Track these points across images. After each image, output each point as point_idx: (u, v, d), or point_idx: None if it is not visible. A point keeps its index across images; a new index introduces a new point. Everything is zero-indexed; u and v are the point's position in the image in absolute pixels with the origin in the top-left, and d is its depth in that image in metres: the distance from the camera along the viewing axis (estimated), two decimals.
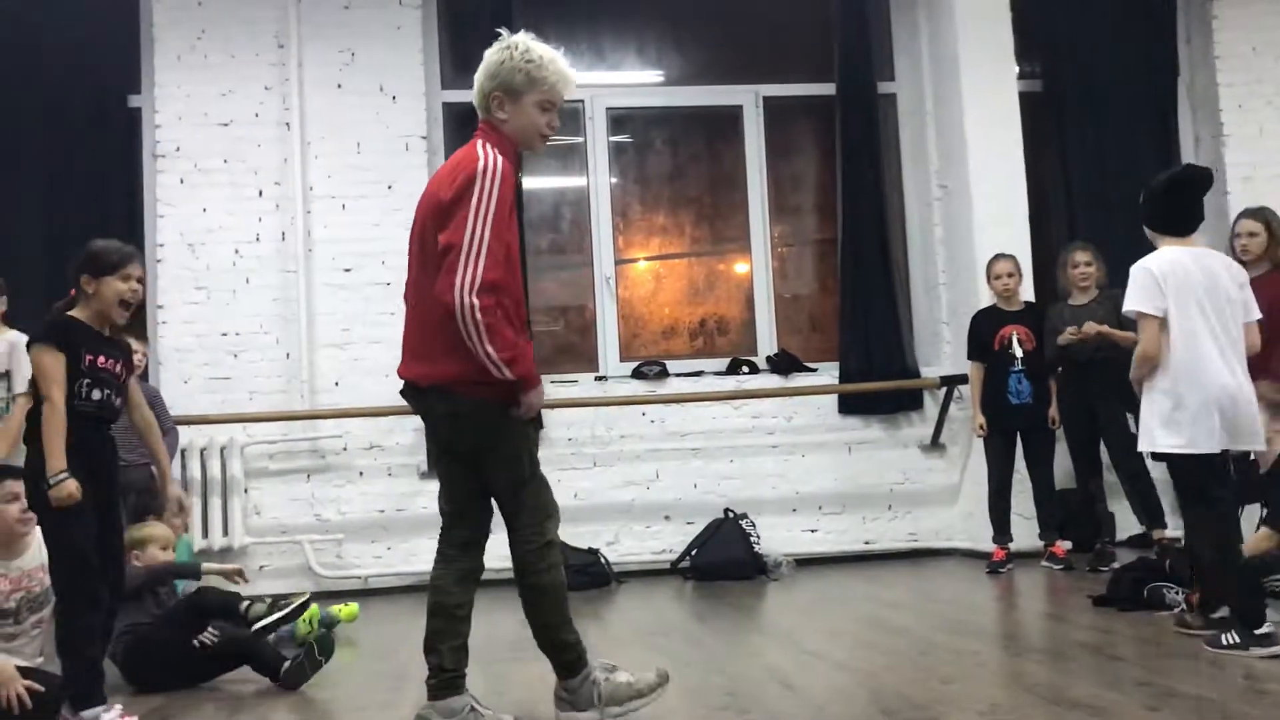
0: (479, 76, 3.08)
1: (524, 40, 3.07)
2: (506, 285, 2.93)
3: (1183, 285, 3.86)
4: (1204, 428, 3.79)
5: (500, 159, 2.94)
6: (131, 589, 4.07)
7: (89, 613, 3.29)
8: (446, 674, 3.09)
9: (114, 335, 3.54)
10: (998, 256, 6.27)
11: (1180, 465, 3.89)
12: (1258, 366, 5.06)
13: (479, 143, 3.02)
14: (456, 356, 2.91)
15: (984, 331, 6.23)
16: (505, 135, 3.04)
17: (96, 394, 3.38)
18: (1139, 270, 3.96)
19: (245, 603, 4.15)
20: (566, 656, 3.15)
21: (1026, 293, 6.50)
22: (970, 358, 6.32)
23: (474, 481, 3.17)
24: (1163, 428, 3.86)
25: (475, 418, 3.00)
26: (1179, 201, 4.01)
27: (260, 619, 4.08)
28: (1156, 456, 4.02)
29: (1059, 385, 6.16)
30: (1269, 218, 5.24)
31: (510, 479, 3.09)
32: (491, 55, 3.07)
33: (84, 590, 3.29)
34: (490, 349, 2.87)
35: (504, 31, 3.13)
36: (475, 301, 2.83)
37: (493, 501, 3.23)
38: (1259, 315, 4.01)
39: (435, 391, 3.02)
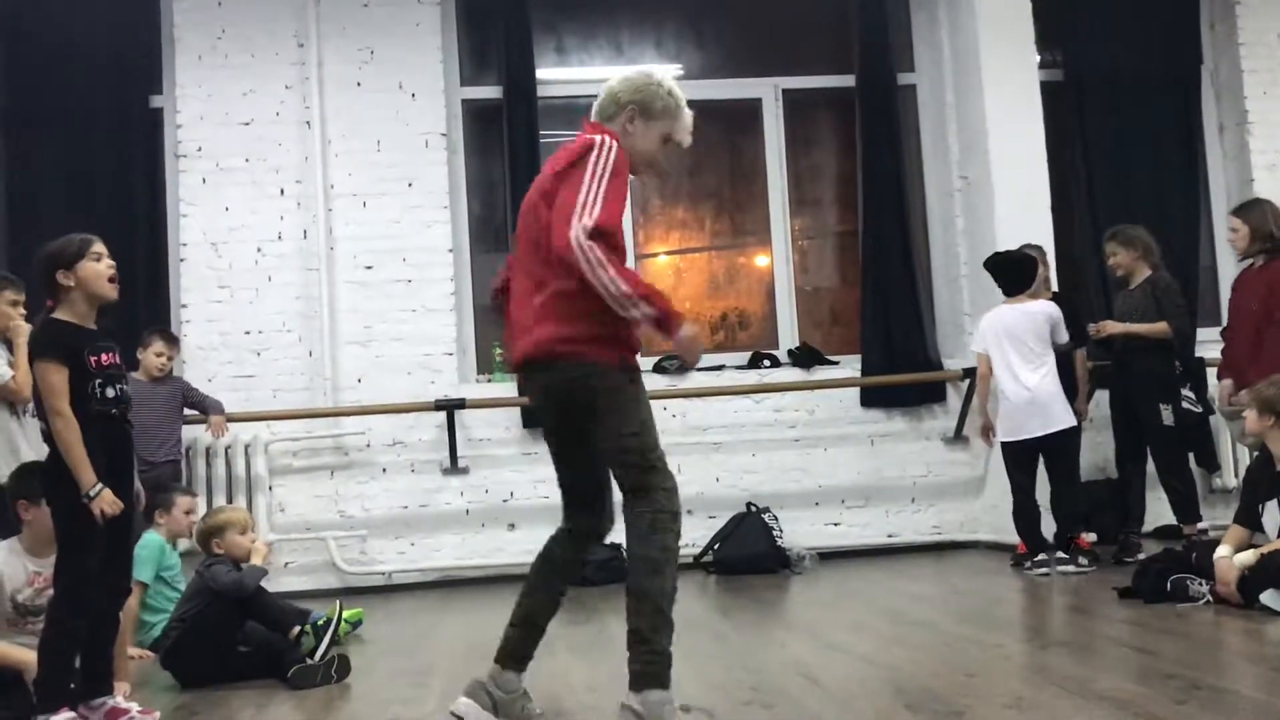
0: (617, 87, 3.13)
1: (669, 79, 3.19)
2: (618, 245, 2.88)
3: (998, 332, 5.69)
4: (1007, 424, 5.68)
5: (616, 144, 2.95)
6: (247, 591, 4.10)
7: (77, 617, 3.28)
8: (521, 628, 3.10)
9: (100, 329, 3.50)
10: (1029, 247, 6.22)
11: (1002, 448, 5.78)
12: (1237, 370, 5.14)
13: (590, 134, 3.02)
14: (568, 321, 2.88)
15: None
16: (623, 146, 3.01)
17: (111, 391, 3.37)
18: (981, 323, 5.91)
19: (297, 628, 4.14)
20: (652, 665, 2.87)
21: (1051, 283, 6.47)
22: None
23: (590, 461, 3.04)
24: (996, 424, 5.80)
25: (593, 380, 2.90)
26: (1003, 276, 5.79)
27: (311, 650, 4.06)
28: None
29: (1110, 375, 6.13)
30: (1249, 213, 5.52)
31: (637, 445, 2.92)
32: (634, 74, 3.16)
33: (80, 595, 3.28)
34: (620, 284, 2.78)
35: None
36: (591, 241, 2.77)
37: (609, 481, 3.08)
38: (1063, 340, 5.69)
39: (546, 361, 2.93)
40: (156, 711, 3.46)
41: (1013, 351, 5.64)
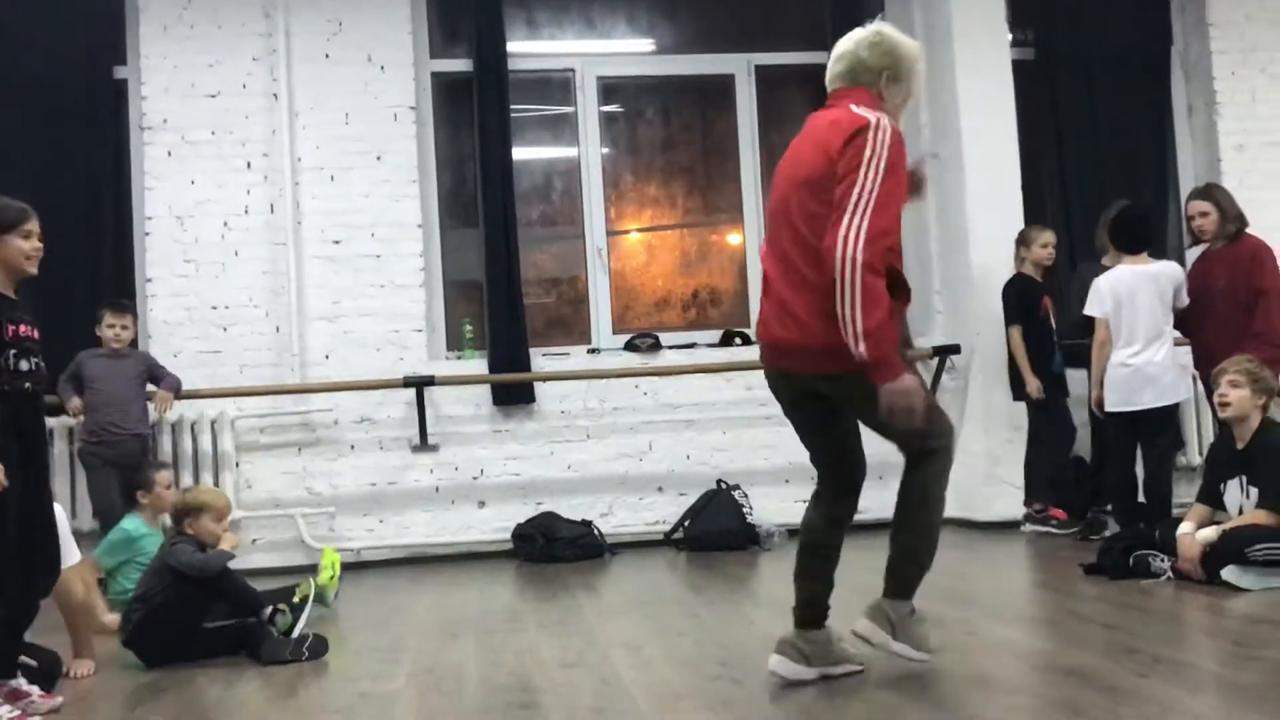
0: (866, 48, 3.08)
1: (901, 35, 3.15)
2: (895, 246, 2.90)
3: (1119, 295, 5.46)
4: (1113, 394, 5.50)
5: (888, 121, 2.93)
6: (211, 573, 4.02)
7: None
8: (809, 608, 3.24)
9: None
10: (1042, 227, 6.31)
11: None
12: (1208, 350, 5.15)
13: (851, 105, 3.01)
14: (828, 321, 2.88)
15: (1031, 297, 6.16)
16: (886, 111, 3.03)
17: (25, 364, 3.26)
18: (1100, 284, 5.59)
19: (269, 608, 4.08)
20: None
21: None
22: (1014, 322, 6.19)
23: (840, 438, 3.22)
24: None
25: (852, 387, 2.95)
26: (1122, 232, 5.65)
27: (287, 630, 4.01)
28: None
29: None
30: (1216, 195, 5.47)
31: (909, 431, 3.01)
32: (884, 33, 3.10)
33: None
34: (857, 314, 2.78)
35: (879, 19, 3.17)
36: (858, 256, 2.76)
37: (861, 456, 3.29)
38: (1184, 303, 5.43)
39: (808, 360, 3.01)
40: (59, 697, 3.38)
41: (1128, 318, 5.46)
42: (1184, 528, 4.44)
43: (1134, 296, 5.45)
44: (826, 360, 2.94)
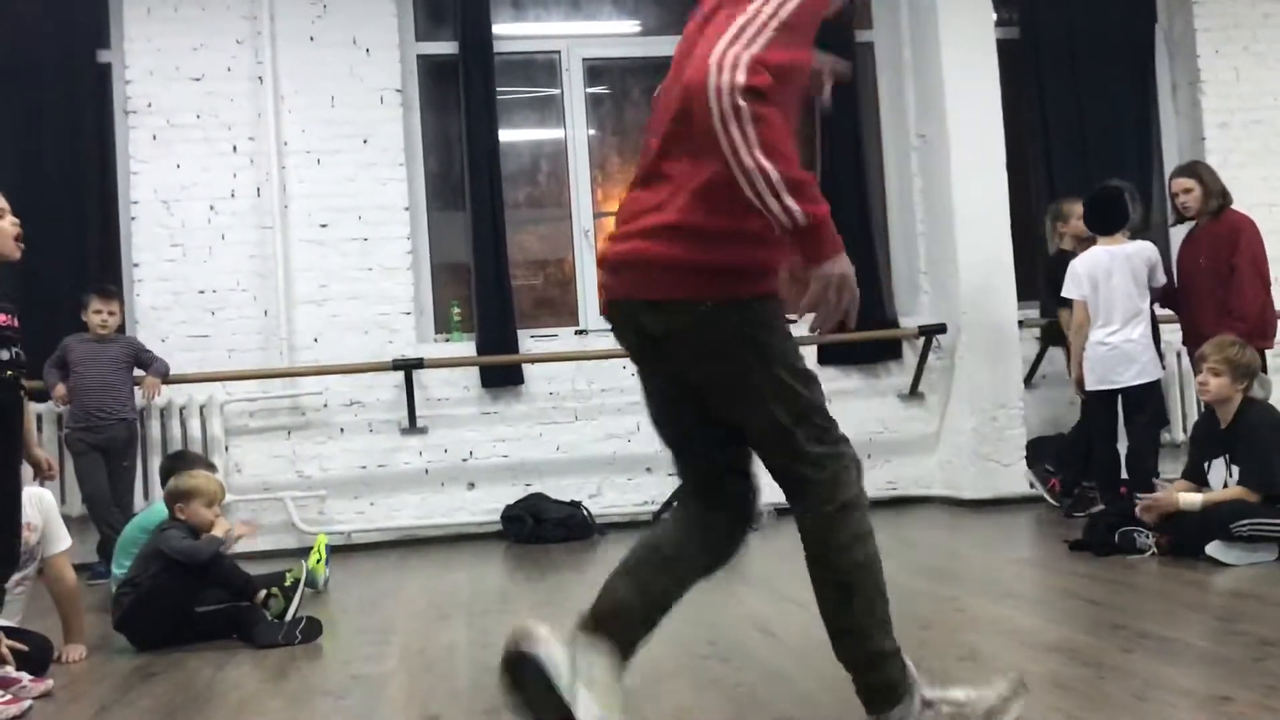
0: None
1: None
2: (790, 96, 2.05)
3: (1094, 276, 5.50)
4: (1091, 373, 5.55)
5: None
6: (200, 559, 4.00)
7: None
8: (615, 619, 2.48)
9: None
10: (1075, 199, 6.18)
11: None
12: (1196, 330, 5.17)
13: None
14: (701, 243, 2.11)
15: None
16: None
17: (4, 354, 3.23)
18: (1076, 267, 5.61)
19: (263, 593, 4.08)
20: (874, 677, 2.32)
21: (1007, 241, 6.56)
22: (1068, 304, 5.94)
23: (700, 415, 2.39)
24: None
25: (712, 326, 2.16)
26: (1093, 213, 5.62)
27: (280, 613, 4.01)
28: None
29: None
30: (1200, 172, 5.47)
31: (772, 410, 2.27)
32: None
33: None
34: (762, 159, 1.92)
35: None
36: (740, 80, 1.90)
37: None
38: (1160, 283, 5.51)
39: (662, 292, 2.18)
40: (50, 680, 3.38)
41: (1104, 299, 5.48)
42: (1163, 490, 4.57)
43: (1110, 277, 5.50)
44: (671, 278, 2.14)
